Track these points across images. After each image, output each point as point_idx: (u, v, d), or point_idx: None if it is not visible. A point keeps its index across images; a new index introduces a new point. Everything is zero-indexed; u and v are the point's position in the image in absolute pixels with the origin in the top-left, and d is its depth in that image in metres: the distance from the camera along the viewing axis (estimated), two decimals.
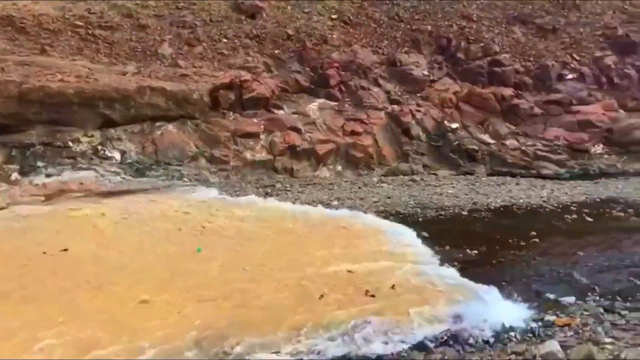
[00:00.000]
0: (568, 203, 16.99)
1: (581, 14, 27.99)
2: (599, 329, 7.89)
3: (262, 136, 21.26)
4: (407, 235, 13.21)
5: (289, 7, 26.32)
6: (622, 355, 6.42)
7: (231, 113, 21.77)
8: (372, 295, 9.04)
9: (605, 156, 22.61)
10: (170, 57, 23.17)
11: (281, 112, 22.32)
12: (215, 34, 24.55)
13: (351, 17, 26.26)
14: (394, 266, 10.78)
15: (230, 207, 15.51)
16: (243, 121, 21.55)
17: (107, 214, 14.34)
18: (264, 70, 23.44)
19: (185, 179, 19.01)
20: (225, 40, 24.36)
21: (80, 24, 23.15)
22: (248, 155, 20.63)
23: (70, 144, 19.38)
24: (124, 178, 18.57)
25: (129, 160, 19.62)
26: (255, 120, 21.66)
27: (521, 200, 17.20)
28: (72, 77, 19.97)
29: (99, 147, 19.69)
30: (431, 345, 7.36)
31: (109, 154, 19.60)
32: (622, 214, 15.82)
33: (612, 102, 24.23)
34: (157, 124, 20.79)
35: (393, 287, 9.43)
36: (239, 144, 20.87)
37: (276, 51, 24.32)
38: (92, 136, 19.85)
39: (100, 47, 22.85)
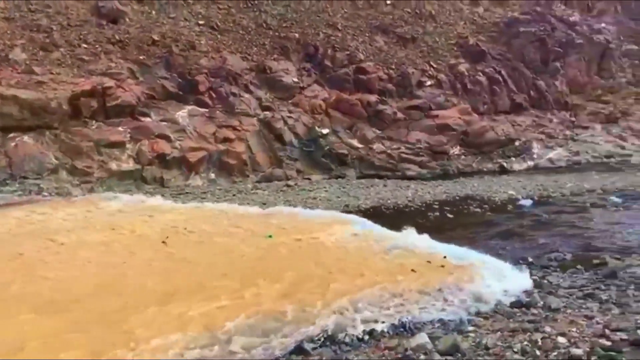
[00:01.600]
0: (431, 201, 18.08)
1: (437, 24, 30.02)
2: (464, 318, 8.46)
3: (128, 145, 20.37)
4: None
5: (153, 12, 25.48)
6: (484, 341, 6.93)
7: (94, 122, 20.64)
8: None
9: (462, 157, 24.36)
10: (24, 63, 21.45)
11: (148, 119, 21.53)
12: (74, 39, 23.10)
13: (219, 24, 25.99)
14: None
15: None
16: (107, 130, 20.52)
17: None
18: (129, 77, 22.42)
19: (45, 193, 17.69)
20: (85, 46, 23.01)
21: None
22: (114, 165, 19.67)
23: None
24: None
25: None
26: (120, 128, 20.70)
27: (389, 201, 18.01)
28: None
29: None
30: (309, 347, 7.44)
31: None
32: (478, 209, 17.11)
33: (466, 107, 26.20)
34: (11, 135, 19.19)
35: None
36: (104, 154, 19.84)
37: (141, 57, 23.38)
38: None
39: None
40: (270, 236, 12.66)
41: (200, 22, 25.80)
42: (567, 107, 29.24)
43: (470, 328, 7.93)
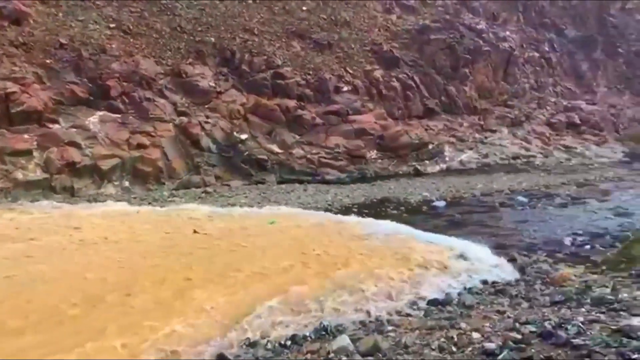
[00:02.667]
0: (350, 205, 18.40)
1: (352, 31, 30.56)
2: (383, 319, 8.65)
3: (35, 153, 19.29)
4: None
5: (60, 14, 24.29)
6: (403, 340, 7.11)
7: None
8: None
9: (379, 161, 24.92)
10: None
11: (57, 126, 20.49)
12: None
13: (131, 27, 25.18)
14: None
15: None
16: (12, 137, 19.32)
17: None
18: (34, 82, 21.24)
19: None
20: None
21: None
22: (19, 175, 18.55)
23: None
24: None
25: None
26: (26, 136, 19.56)
27: (309, 205, 18.12)
28: None
29: None
30: (230, 356, 7.36)
31: None
32: (395, 211, 17.58)
33: (382, 112, 26.86)
34: None
35: None
36: (8, 162, 18.67)
37: (48, 61, 22.20)
38: None
39: None
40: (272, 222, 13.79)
41: (111, 25, 24.89)
42: (476, 112, 30.61)
43: (390, 328, 8.11)
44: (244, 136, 23.42)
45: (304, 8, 30.66)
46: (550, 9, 38.42)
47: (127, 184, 20.14)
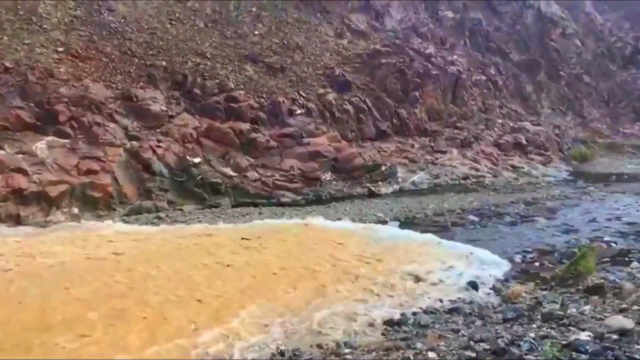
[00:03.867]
0: None
1: (304, 55, 30.91)
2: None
3: None
4: None
5: (5, 37, 23.69)
6: None
7: None
8: None
9: (334, 182, 25.05)
10: None
11: (2, 152, 19.79)
12: None
13: (80, 51, 24.73)
14: None
15: None
16: None
17: None
18: None
19: None
20: None
21: None
22: None
23: None
24: None
25: None
26: None
27: None
28: None
29: None
30: None
31: None
32: None
33: (335, 134, 27.11)
34: None
35: None
36: None
37: None
38: None
39: None
40: None
41: (59, 49, 24.40)
42: (426, 134, 31.24)
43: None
44: (197, 160, 23.18)
45: (256, 32, 30.88)
46: (495, 34, 39.84)
47: (76, 210, 19.54)
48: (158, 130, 23.69)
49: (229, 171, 23.41)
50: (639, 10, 45.47)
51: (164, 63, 26.20)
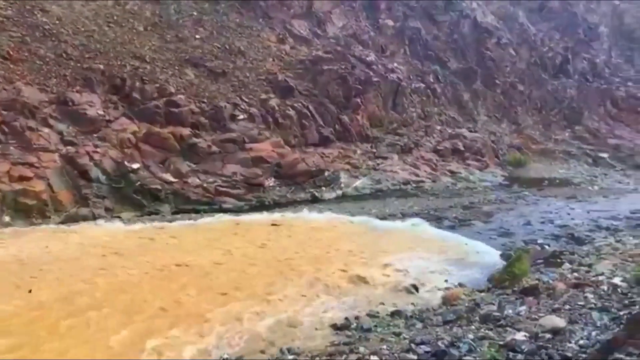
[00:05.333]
0: None
1: (246, 60, 30.72)
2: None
3: None
4: None
5: None
6: None
7: None
8: None
9: (277, 188, 24.96)
10: None
11: None
12: None
13: (11, 53, 23.71)
14: None
15: None
16: None
17: None
18: None
19: None
20: None
21: None
22: None
23: None
24: None
25: None
26: None
27: None
28: None
29: None
30: None
31: None
32: None
33: (278, 140, 27.04)
34: None
35: None
36: None
37: None
38: None
39: None
40: None
41: None
42: (368, 140, 31.60)
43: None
44: (135, 166, 22.60)
45: (197, 36, 30.48)
46: (433, 42, 40.72)
47: (7, 219, 18.67)
48: (95, 135, 22.99)
49: (169, 177, 22.94)
50: (568, 22, 47.60)
51: (101, 66, 25.44)
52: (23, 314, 10.36)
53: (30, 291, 11.55)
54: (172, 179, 22.92)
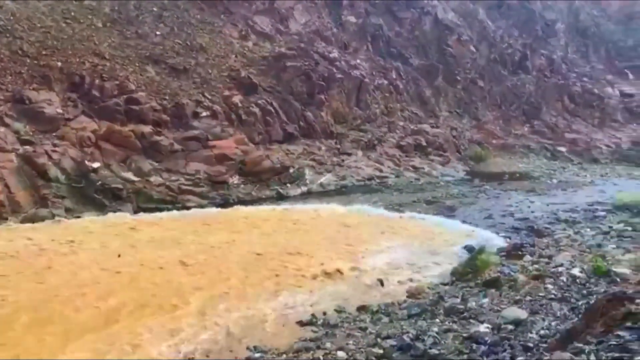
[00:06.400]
0: None
1: (208, 56, 30.42)
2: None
3: None
4: None
5: None
6: None
7: None
8: None
9: (242, 186, 24.82)
10: None
11: None
12: None
13: None
14: None
15: None
16: None
17: None
18: None
19: None
20: None
21: None
22: None
23: None
24: None
25: None
26: None
27: None
28: None
29: None
30: None
31: None
32: None
33: (242, 137, 26.87)
34: None
35: None
36: None
37: None
38: None
39: None
40: None
41: None
42: (332, 136, 31.72)
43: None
44: (96, 165, 22.15)
45: (158, 33, 30.03)
46: (396, 39, 41.08)
47: None
48: (54, 134, 22.46)
49: (130, 176, 22.56)
50: (526, 19, 48.66)
51: (59, 63, 24.83)
52: None
53: None
54: (134, 177, 22.54)
